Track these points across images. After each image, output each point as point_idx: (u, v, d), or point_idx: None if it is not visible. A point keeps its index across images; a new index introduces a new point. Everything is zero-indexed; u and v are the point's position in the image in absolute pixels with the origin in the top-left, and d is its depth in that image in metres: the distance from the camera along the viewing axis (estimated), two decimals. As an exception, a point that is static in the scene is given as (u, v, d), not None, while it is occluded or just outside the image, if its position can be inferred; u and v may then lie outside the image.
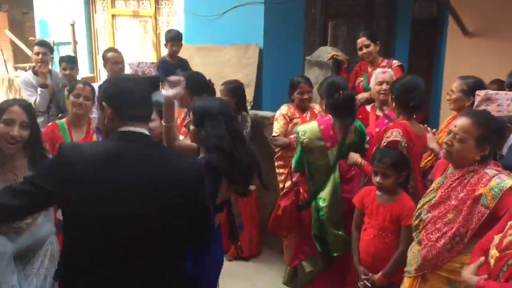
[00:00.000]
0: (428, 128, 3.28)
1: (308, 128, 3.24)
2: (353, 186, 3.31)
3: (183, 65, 5.09)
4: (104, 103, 1.82)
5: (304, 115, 4.05)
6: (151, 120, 2.43)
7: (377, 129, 3.72)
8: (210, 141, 2.26)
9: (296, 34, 5.83)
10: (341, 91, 3.13)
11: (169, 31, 5.32)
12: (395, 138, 2.93)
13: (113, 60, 4.41)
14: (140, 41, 7.07)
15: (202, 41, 5.58)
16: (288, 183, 3.44)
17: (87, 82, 3.82)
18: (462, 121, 2.25)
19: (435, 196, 2.33)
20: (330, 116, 3.23)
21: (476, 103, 2.86)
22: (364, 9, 6.87)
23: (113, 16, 7.25)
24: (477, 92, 2.84)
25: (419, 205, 2.43)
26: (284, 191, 3.46)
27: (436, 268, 2.26)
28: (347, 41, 6.57)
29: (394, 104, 3.14)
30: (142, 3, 6.92)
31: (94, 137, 3.35)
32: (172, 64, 5.03)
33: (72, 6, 7.46)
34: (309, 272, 3.36)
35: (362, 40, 4.40)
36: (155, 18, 6.78)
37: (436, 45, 7.92)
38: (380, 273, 2.81)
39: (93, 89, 3.50)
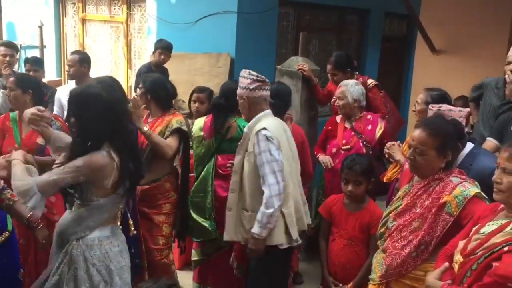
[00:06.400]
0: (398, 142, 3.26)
1: (199, 121, 3.52)
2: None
3: (164, 73, 5.03)
4: None
5: None
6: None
7: (343, 141, 3.71)
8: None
9: (268, 45, 5.85)
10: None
11: (160, 40, 5.31)
12: None
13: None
14: (111, 46, 6.95)
15: (174, 49, 5.51)
16: None
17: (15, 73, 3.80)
18: (418, 134, 2.23)
19: (401, 204, 2.33)
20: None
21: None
22: (335, 24, 6.98)
23: (84, 20, 7.11)
24: (430, 106, 2.75)
25: (385, 213, 2.42)
26: None
27: (400, 276, 2.25)
28: (319, 54, 6.63)
29: None
30: (114, 9, 6.82)
31: None
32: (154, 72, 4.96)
33: (41, 9, 7.28)
34: (195, 261, 3.56)
35: (328, 68, 4.29)
36: (127, 24, 6.68)
37: (405, 61, 8.12)
38: (350, 284, 2.78)
39: (16, 79, 3.39)
